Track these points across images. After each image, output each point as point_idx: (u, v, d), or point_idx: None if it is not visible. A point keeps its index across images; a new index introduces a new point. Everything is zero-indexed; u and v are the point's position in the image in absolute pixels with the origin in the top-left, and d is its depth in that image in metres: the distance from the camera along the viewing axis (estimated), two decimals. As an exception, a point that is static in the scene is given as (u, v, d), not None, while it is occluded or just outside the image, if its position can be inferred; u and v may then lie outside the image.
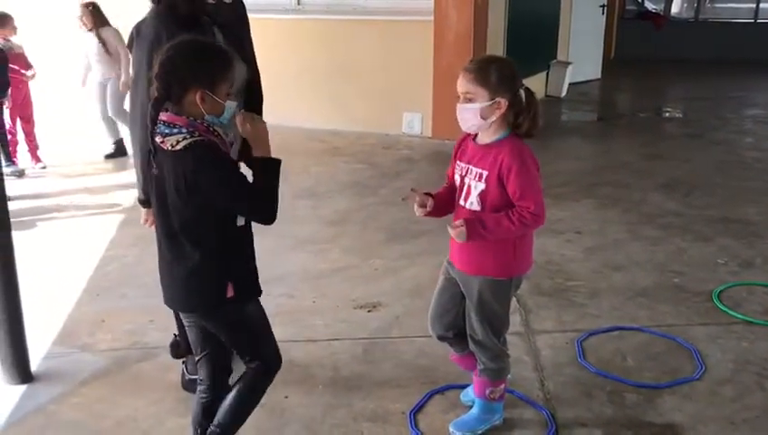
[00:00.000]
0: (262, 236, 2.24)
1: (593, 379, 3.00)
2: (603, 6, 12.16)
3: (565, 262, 4.28)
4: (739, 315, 3.54)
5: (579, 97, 10.65)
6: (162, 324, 3.38)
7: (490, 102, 2.25)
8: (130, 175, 6.22)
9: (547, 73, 10.55)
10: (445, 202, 2.50)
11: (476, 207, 2.35)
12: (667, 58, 14.86)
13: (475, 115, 2.27)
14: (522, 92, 2.29)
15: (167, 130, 1.92)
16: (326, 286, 3.89)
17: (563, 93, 10.47)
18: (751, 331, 3.41)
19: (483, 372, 2.54)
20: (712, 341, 3.32)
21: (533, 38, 9.62)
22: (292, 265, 4.12)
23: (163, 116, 1.94)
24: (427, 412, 2.77)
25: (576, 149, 7.70)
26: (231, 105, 1.99)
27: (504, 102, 2.26)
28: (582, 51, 11.49)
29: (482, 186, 2.32)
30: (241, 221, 2.05)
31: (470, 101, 2.27)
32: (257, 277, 2.16)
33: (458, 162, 2.44)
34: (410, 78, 7.63)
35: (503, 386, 2.59)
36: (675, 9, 17.88)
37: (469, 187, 2.36)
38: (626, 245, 4.58)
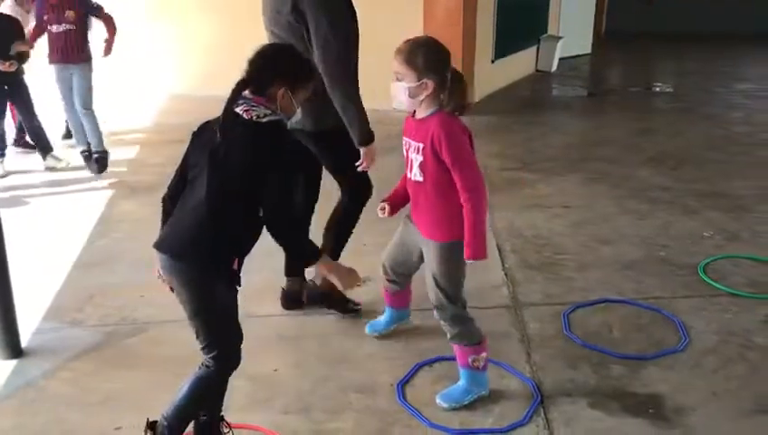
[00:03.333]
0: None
1: (579, 350, 3.04)
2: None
3: (553, 236, 4.32)
4: (724, 287, 3.58)
5: (569, 72, 10.65)
6: (152, 299, 3.40)
7: (417, 83, 2.38)
8: (120, 152, 6.25)
9: (537, 48, 10.54)
10: (404, 193, 2.71)
11: (419, 178, 2.52)
12: (657, 32, 14.84)
13: (404, 94, 2.42)
14: (448, 76, 2.41)
15: (253, 104, 2.07)
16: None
17: (554, 68, 10.46)
18: (735, 303, 3.45)
19: (452, 339, 2.63)
20: (696, 313, 3.36)
21: (524, 12, 9.59)
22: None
23: (247, 94, 2.09)
24: (415, 384, 2.80)
25: (565, 124, 7.73)
26: (299, 112, 2.17)
27: (430, 84, 2.39)
28: (573, 25, 11.46)
29: (420, 158, 2.48)
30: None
31: (400, 80, 2.41)
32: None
33: (404, 138, 2.58)
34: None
35: (484, 354, 2.64)
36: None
37: (411, 160, 2.53)
38: (613, 219, 4.61)
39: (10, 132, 6.32)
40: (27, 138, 6.36)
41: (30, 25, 6.12)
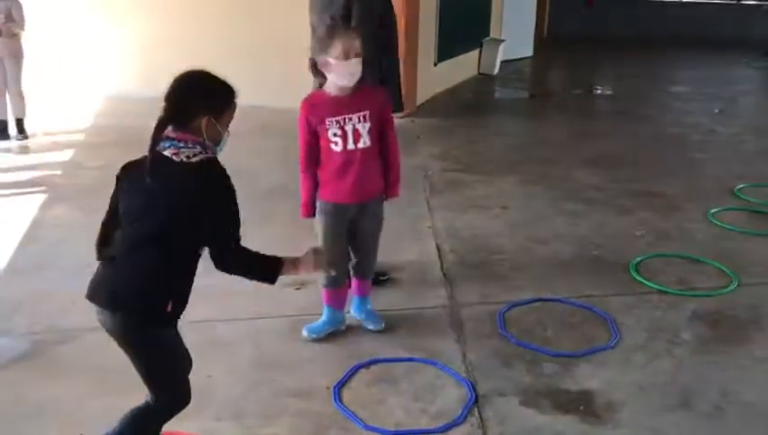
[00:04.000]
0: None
1: (514, 349, 3.09)
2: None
3: (491, 236, 4.37)
4: (654, 285, 3.69)
5: (511, 75, 10.81)
6: (84, 305, 3.30)
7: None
8: (54, 154, 6.08)
9: (480, 51, 10.66)
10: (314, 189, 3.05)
11: (368, 143, 2.90)
12: (599, 36, 15.20)
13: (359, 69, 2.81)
14: None
15: (181, 145, 1.99)
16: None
17: (496, 71, 10.60)
18: (664, 300, 3.56)
19: (366, 275, 3.20)
20: (628, 310, 3.45)
21: (466, 16, 9.69)
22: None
23: (171, 133, 2.00)
24: (352, 386, 2.80)
25: (506, 126, 7.84)
26: (227, 137, 2.13)
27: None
28: (515, 28, 11.65)
29: (368, 124, 2.88)
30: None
31: (358, 57, 2.77)
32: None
33: (330, 120, 2.85)
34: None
35: None
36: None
37: (357, 130, 2.86)
38: (549, 219, 4.70)
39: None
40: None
41: None
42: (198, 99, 2.04)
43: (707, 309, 3.46)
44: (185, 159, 1.96)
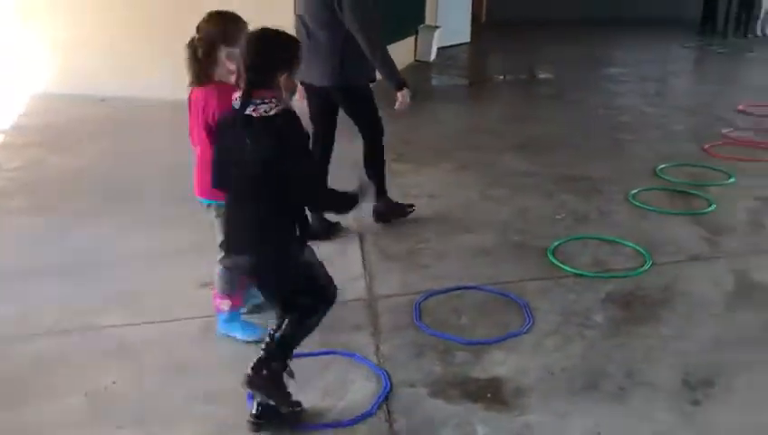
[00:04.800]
0: (97, 218, 2.15)
1: (428, 339, 3.09)
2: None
3: (416, 225, 4.37)
4: (569, 269, 3.75)
5: (448, 61, 10.85)
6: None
7: None
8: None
9: (416, 38, 10.66)
10: None
11: None
12: (537, 20, 15.35)
13: None
14: None
15: (257, 102, 2.24)
16: (169, 266, 3.79)
17: (432, 57, 10.62)
18: (579, 283, 3.62)
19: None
20: (543, 295, 3.50)
21: (400, 2, 9.65)
22: (135, 246, 4.00)
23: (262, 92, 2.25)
24: (264, 386, 2.77)
25: (442, 113, 7.84)
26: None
27: None
28: (451, 14, 11.68)
29: None
30: None
31: None
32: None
33: None
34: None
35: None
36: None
37: None
38: (475, 206, 4.73)
39: None
40: None
41: None
42: (276, 59, 2.28)
43: (621, 290, 3.53)
44: (263, 114, 2.22)
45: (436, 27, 10.87)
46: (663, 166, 5.42)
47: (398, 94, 4.03)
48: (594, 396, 2.71)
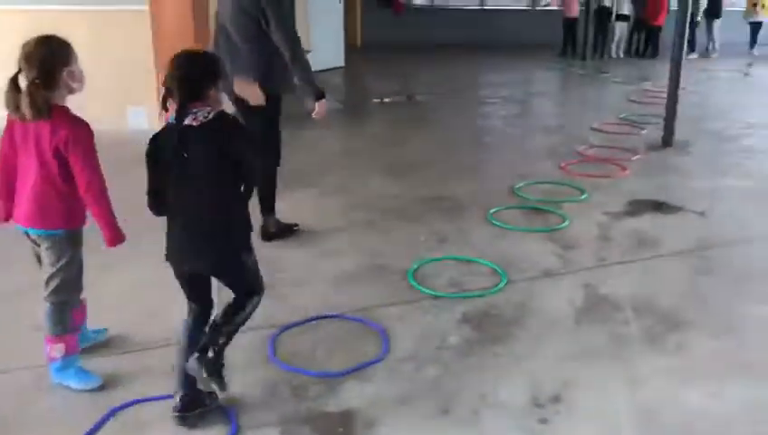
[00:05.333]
0: None
1: (282, 375, 2.99)
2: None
3: (277, 255, 4.26)
4: (427, 290, 3.76)
5: (321, 86, 10.80)
6: None
7: None
8: None
9: (287, 62, 10.58)
10: None
11: None
12: (413, 44, 15.70)
13: None
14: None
15: (195, 111, 2.44)
16: (10, 308, 3.50)
17: (304, 81, 10.56)
18: (436, 305, 3.63)
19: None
20: (401, 319, 3.48)
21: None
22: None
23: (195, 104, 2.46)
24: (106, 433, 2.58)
25: (312, 138, 7.71)
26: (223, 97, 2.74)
27: None
28: (323, 39, 11.71)
29: None
30: None
31: None
32: None
33: None
34: (131, 72, 7.22)
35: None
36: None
37: None
38: (340, 232, 4.68)
39: None
40: None
41: None
42: (205, 74, 2.50)
43: (476, 310, 3.57)
44: (203, 120, 2.44)
45: (307, 51, 10.82)
46: (521, 184, 5.61)
47: (317, 104, 4.32)
48: (447, 422, 2.70)
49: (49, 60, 2.62)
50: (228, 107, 2.91)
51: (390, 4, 17.26)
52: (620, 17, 14.66)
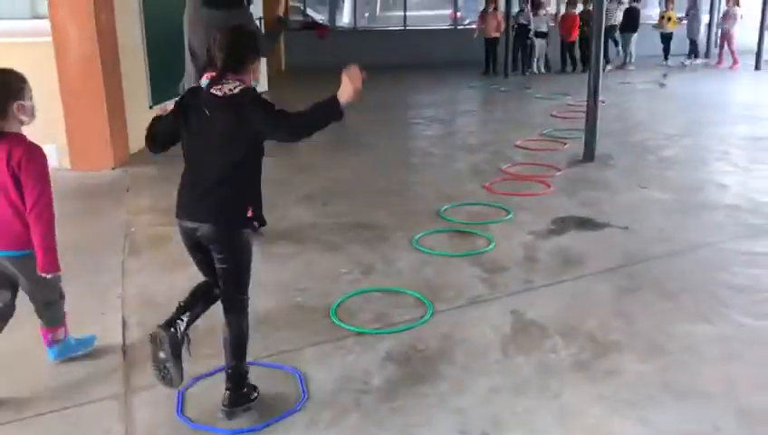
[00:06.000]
0: None
1: (192, 434, 2.74)
2: (260, 18, 12.24)
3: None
4: (350, 327, 3.57)
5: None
6: None
7: None
8: None
9: (207, 89, 10.29)
10: None
11: None
12: (336, 66, 15.43)
13: None
14: None
15: (225, 81, 2.63)
16: None
17: (224, 109, 10.28)
18: (359, 342, 3.44)
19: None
20: (321, 361, 3.27)
21: (182, 54, 9.25)
22: None
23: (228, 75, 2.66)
24: None
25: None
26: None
27: None
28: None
29: None
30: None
31: None
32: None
33: None
34: (38, 107, 6.80)
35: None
36: (347, 19, 18.94)
37: None
38: (255, 267, 4.40)
39: None
40: None
41: None
42: (249, 49, 2.75)
43: (401, 346, 3.40)
44: (227, 92, 2.61)
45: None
46: (446, 207, 5.49)
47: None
48: (368, 475, 2.50)
49: (2, 92, 2.82)
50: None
51: (313, 27, 17.14)
52: (539, 34, 14.92)
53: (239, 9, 4.86)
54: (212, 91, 2.61)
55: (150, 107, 8.17)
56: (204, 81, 2.66)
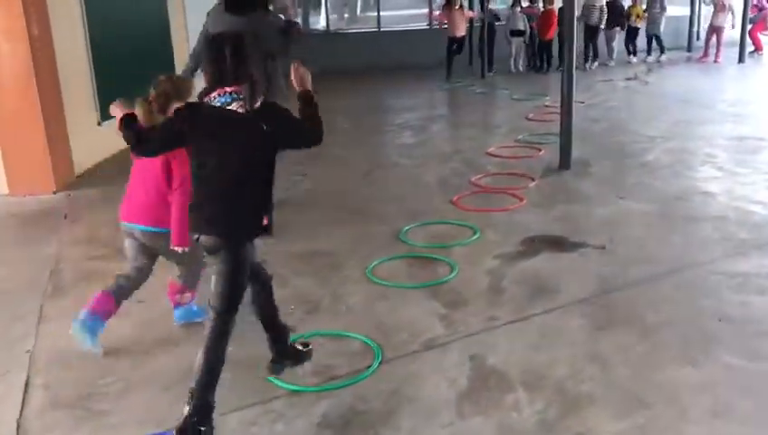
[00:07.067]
0: None
1: None
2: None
3: (108, 352, 3.50)
4: (283, 385, 3.09)
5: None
6: None
7: None
8: None
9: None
10: None
11: None
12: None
13: None
14: None
15: (237, 95, 2.62)
16: None
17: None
18: (293, 403, 2.97)
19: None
20: (245, 429, 2.80)
21: (137, 61, 8.75)
22: None
23: (228, 89, 2.62)
24: None
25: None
26: None
27: None
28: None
29: None
30: None
31: None
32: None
33: None
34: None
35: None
36: (322, 23, 18.48)
37: None
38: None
39: None
40: None
41: None
42: (242, 61, 2.63)
43: (340, 407, 2.92)
44: (249, 108, 2.63)
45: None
46: (407, 228, 5.02)
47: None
48: None
49: (168, 91, 3.29)
50: None
51: (286, 30, 16.65)
52: (515, 33, 14.44)
53: (259, 12, 5.04)
54: (230, 108, 2.60)
55: (99, 123, 7.67)
56: (220, 98, 2.60)
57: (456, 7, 13.55)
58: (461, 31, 13.61)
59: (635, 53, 15.39)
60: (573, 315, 3.67)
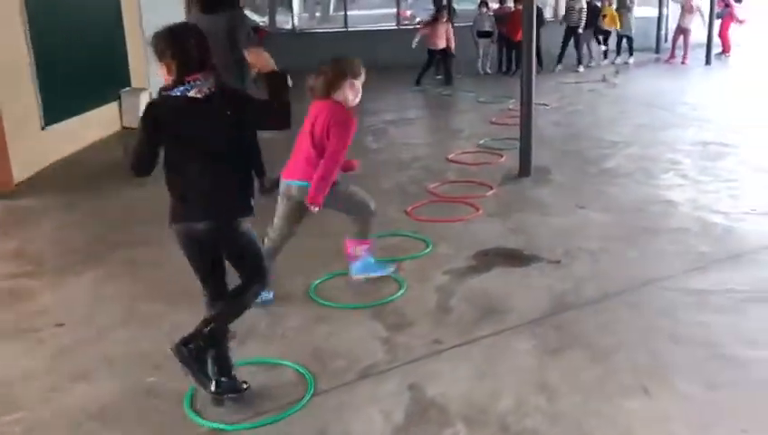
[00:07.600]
0: None
1: None
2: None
3: (16, 384, 3.22)
4: (206, 423, 2.84)
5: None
6: None
7: None
8: None
9: (119, 103, 9.49)
10: None
11: None
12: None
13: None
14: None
15: (199, 83, 2.63)
16: None
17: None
18: (214, 443, 2.72)
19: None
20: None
21: (88, 67, 8.42)
22: None
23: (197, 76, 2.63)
24: None
25: (124, 196, 6.31)
26: None
27: None
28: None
29: None
30: None
31: None
32: None
33: None
34: None
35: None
36: (297, 22, 18.20)
37: None
38: (112, 334, 3.67)
39: None
40: None
41: None
42: (203, 49, 2.69)
43: (264, 447, 2.68)
44: (207, 92, 2.64)
45: (143, 90, 9.75)
46: (357, 242, 4.77)
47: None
48: None
49: (342, 67, 4.08)
50: None
51: (255, 31, 16.34)
52: (482, 34, 14.26)
53: (230, 11, 5.20)
54: (189, 95, 2.60)
55: (43, 128, 7.33)
56: (177, 89, 2.60)
57: (444, 20, 13.24)
58: (442, 43, 13.26)
59: (581, 61, 14.85)
60: (522, 338, 3.46)
